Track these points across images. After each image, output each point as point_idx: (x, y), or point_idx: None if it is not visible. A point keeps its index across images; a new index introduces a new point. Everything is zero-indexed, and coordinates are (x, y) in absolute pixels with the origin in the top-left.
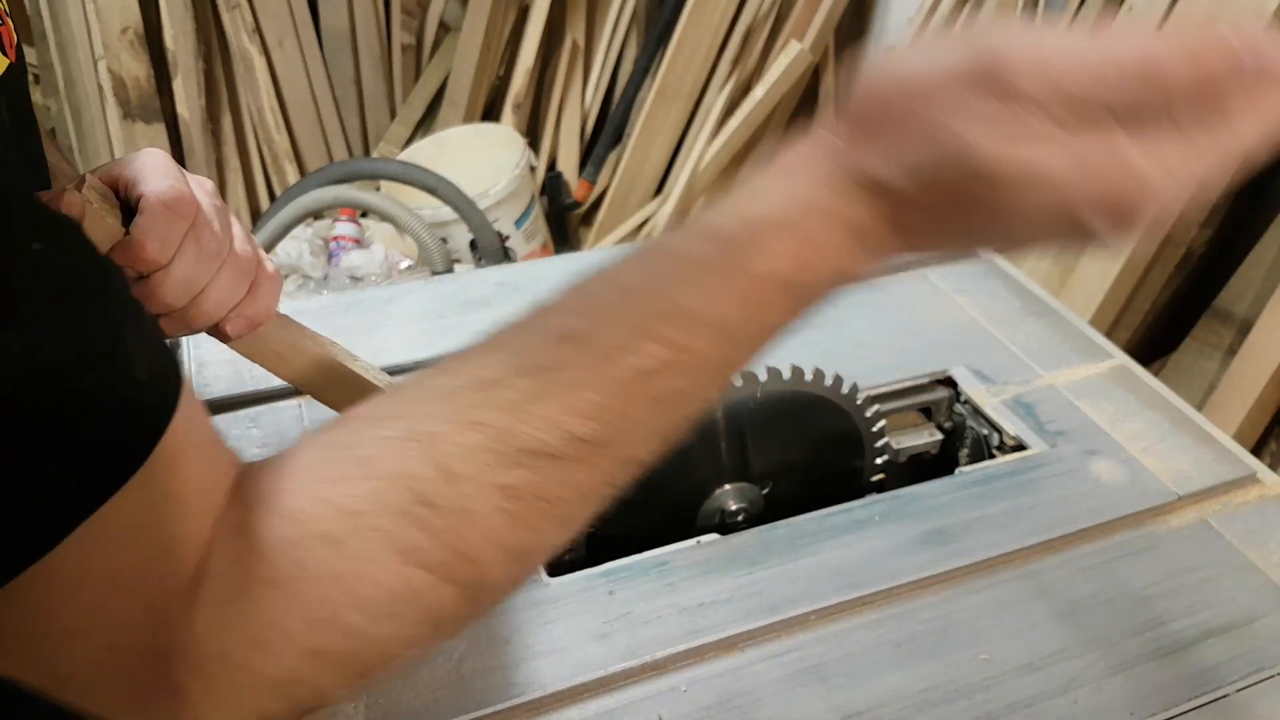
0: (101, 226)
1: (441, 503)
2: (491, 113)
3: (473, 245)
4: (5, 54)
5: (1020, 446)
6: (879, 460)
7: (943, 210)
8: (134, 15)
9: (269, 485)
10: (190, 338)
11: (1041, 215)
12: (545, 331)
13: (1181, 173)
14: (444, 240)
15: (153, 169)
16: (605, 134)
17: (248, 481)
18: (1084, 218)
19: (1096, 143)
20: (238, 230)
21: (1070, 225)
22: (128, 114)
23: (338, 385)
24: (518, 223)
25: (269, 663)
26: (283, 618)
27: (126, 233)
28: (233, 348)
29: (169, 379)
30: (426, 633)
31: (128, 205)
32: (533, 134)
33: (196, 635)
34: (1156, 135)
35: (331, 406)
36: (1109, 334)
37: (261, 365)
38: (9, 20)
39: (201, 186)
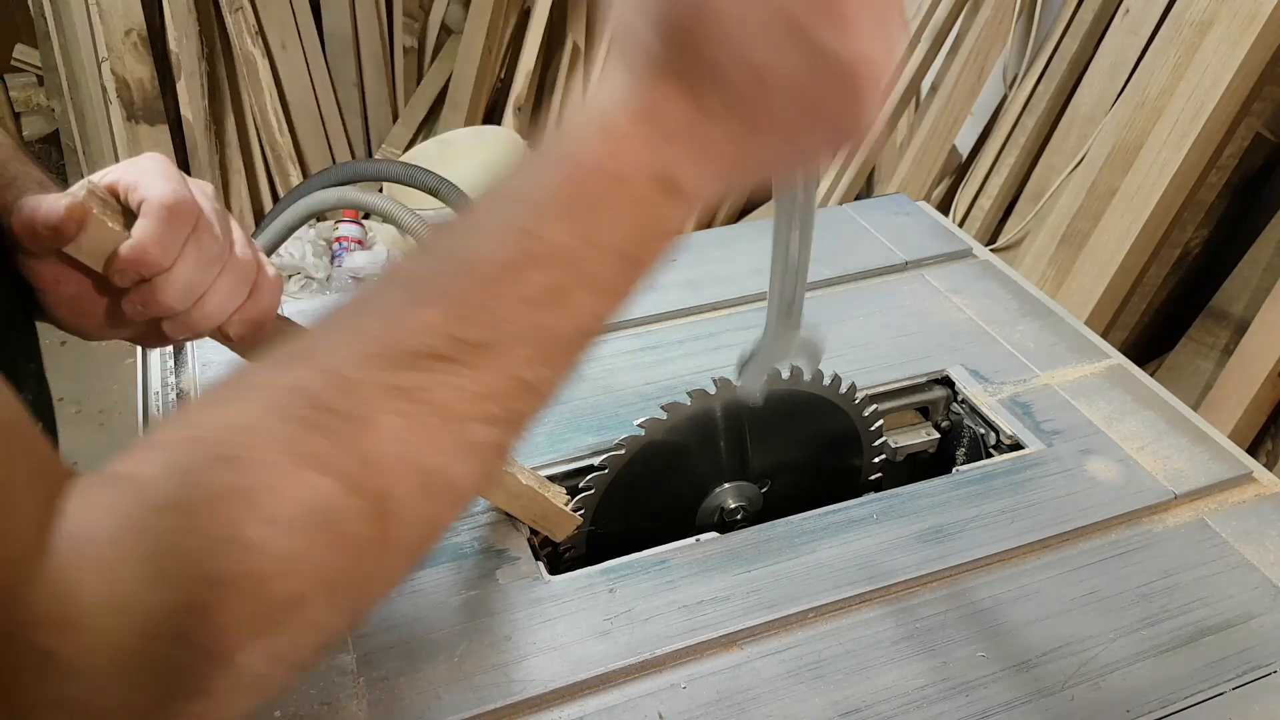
0: (103, 231)
1: (338, 407)
2: (493, 115)
3: None
4: None
5: (1017, 446)
6: (877, 459)
7: (731, 77)
8: (137, 17)
9: (145, 441)
10: (194, 341)
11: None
12: (422, 255)
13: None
14: None
15: (153, 173)
16: None
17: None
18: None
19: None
20: (238, 234)
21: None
22: (131, 116)
23: None
24: None
25: (164, 594)
26: (182, 539)
27: (128, 237)
28: (235, 350)
29: None
30: (338, 560)
31: (129, 210)
32: (534, 136)
33: (54, 591)
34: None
35: None
36: (1105, 334)
37: None
38: None
39: (201, 190)
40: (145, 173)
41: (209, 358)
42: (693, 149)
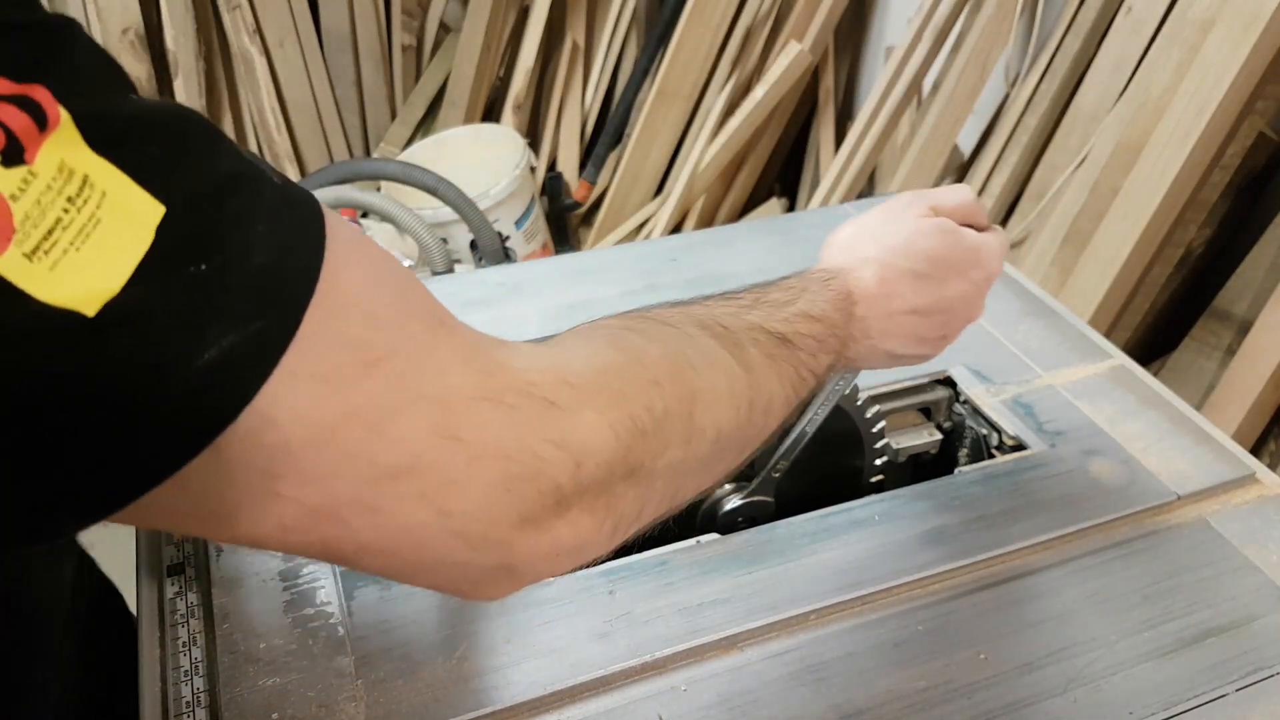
0: None
1: (728, 334)
2: (492, 113)
3: (473, 245)
4: None
5: (1019, 446)
6: (878, 460)
7: (918, 284)
8: (135, 16)
9: (629, 315)
10: None
11: (973, 281)
12: (747, 294)
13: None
14: (444, 240)
15: None
16: (605, 134)
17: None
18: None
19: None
20: None
21: (979, 294)
22: None
23: None
24: (518, 223)
25: (634, 407)
26: (649, 347)
27: None
28: None
29: (308, 197)
30: (734, 420)
31: None
32: (533, 134)
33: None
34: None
35: None
36: (1108, 334)
37: None
38: None
39: None
40: None
41: None
42: (883, 319)
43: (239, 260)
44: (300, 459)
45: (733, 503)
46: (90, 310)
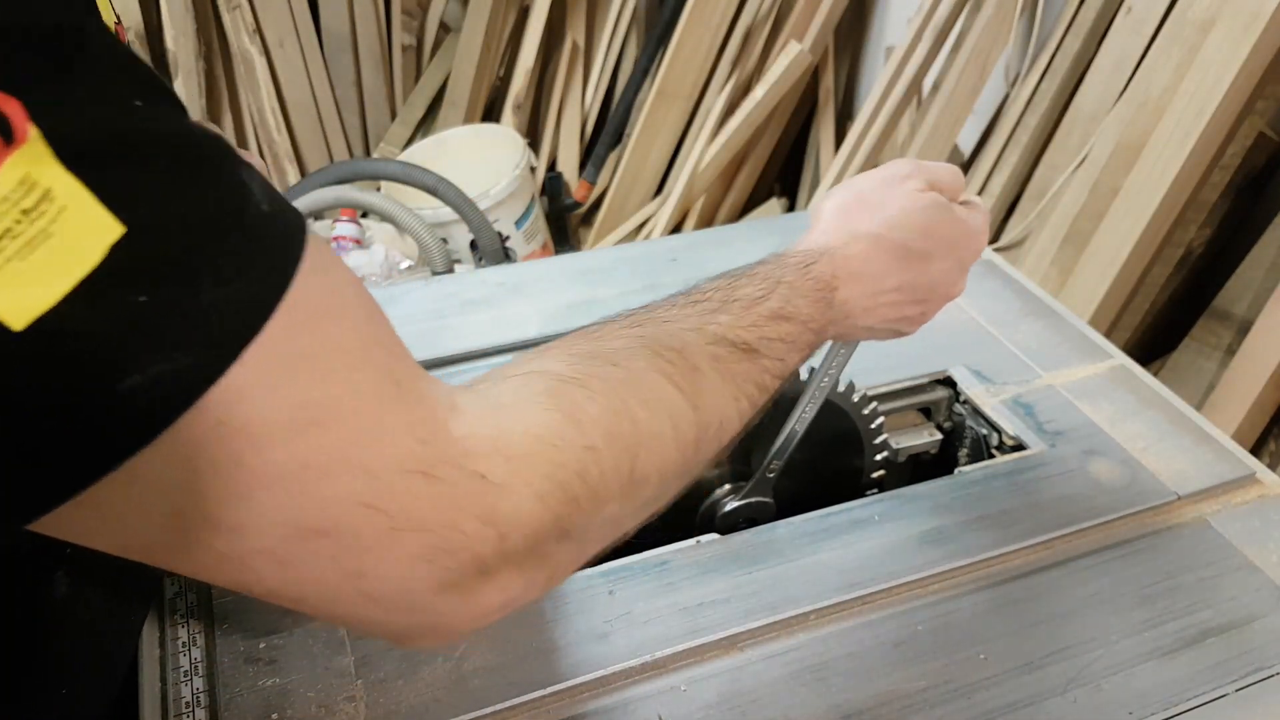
0: None
1: (680, 354)
2: (492, 113)
3: (473, 245)
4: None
5: (1019, 446)
6: (878, 459)
7: (897, 257)
8: (134, 15)
9: (553, 347)
10: None
11: (961, 245)
12: (712, 287)
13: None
14: (444, 240)
15: None
16: (605, 134)
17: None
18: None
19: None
20: None
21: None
22: None
23: None
24: (518, 223)
25: (574, 441)
26: (587, 405)
27: None
28: None
29: (291, 213)
30: (676, 454)
31: None
32: (533, 134)
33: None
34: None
35: None
36: (1108, 334)
37: None
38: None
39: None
40: None
41: None
42: (869, 297)
43: (189, 293)
44: (214, 509)
45: (730, 504)
46: (18, 323)
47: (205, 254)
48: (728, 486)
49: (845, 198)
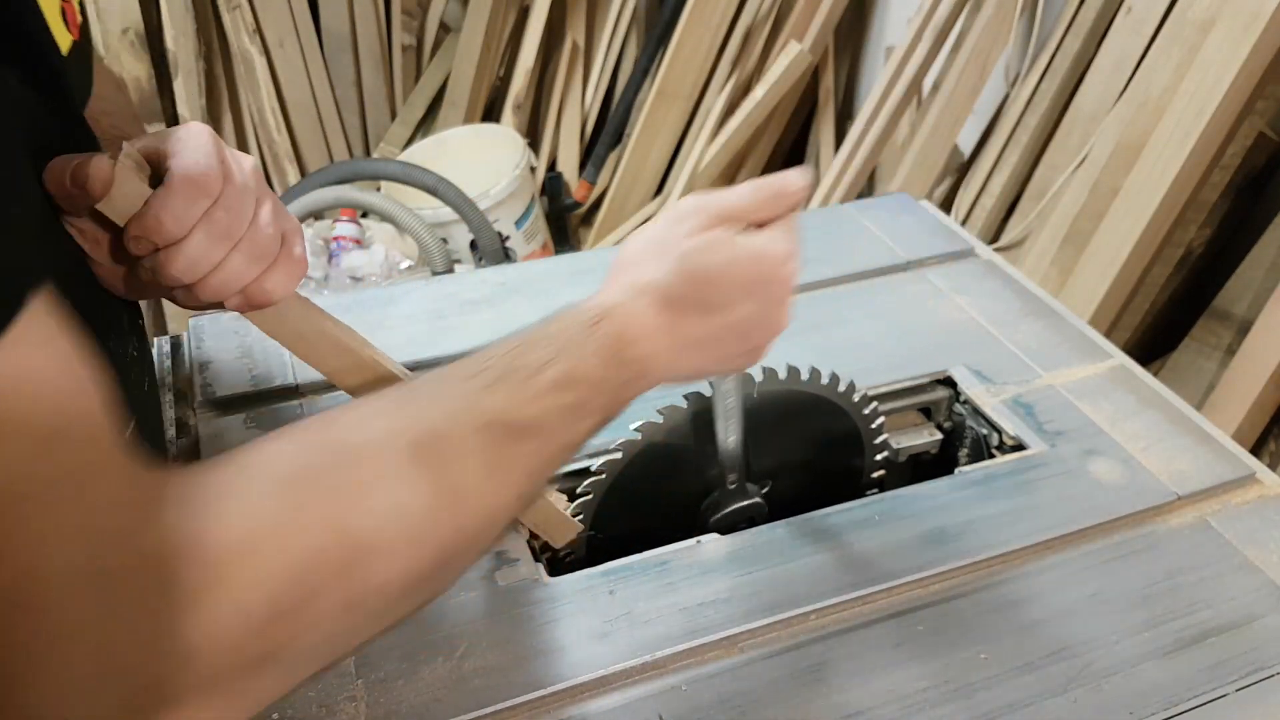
0: (126, 194)
1: (437, 443)
2: (492, 113)
3: (473, 245)
4: (69, 31)
5: (1020, 446)
6: (879, 459)
7: (700, 293)
8: (135, 16)
9: (277, 434)
10: (195, 340)
11: (765, 279)
12: (488, 354)
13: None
14: (444, 240)
15: (191, 144)
16: (605, 134)
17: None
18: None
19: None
20: (266, 211)
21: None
22: None
23: (357, 371)
24: (518, 223)
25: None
26: (311, 505)
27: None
28: (255, 324)
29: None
30: (405, 547)
31: (160, 177)
32: (533, 134)
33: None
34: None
35: (349, 392)
36: (1108, 334)
37: (283, 345)
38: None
39: (239, 164)
40: (181, 141)
41: (209, 355)
42: (670, 351)
43: None
44: None
45: (715, 516)
46: None
47: None
48: (715, 494)
49: (633, 247)
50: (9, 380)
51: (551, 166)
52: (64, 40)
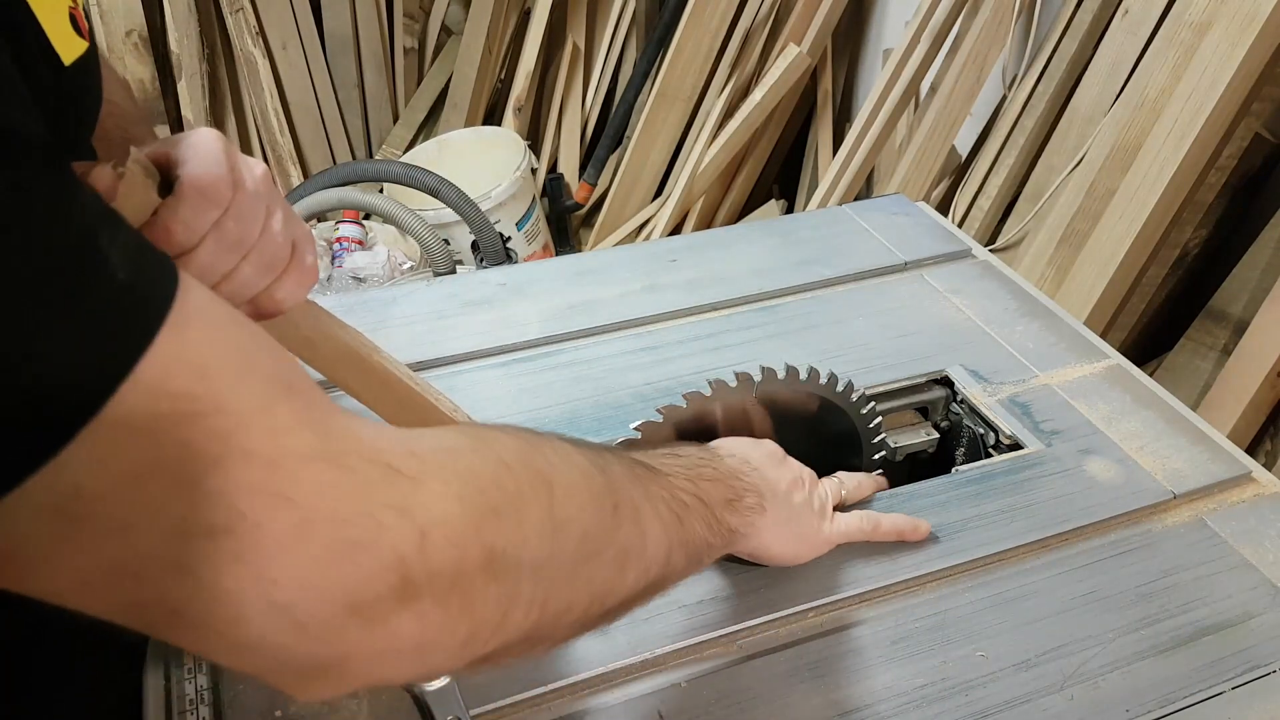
0: (134, 203)
1: (635, 503)
2: (493, 115)
3: (474, 246)
4: (82, 36)
5: (1016, 446)
6: (876, 458)
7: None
8: (138, 18)
9: (511, 429)
10: None
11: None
12: (663, 457)
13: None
14: (446, 241)
15: (202, 151)
16: (605, 136)
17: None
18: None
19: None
20: (277, 220)
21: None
22: None
23: (364, 376)
24: (519, 224)
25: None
26: (498, 435)
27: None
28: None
29: (160, 275)
30: (585, 488)
31: (169, 184)
32: (534, 136)
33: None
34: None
35: (357, 398)
36: (1104, 334)
37: (291, 351)
38: (79, 3)
39: (250, 172)
40: (191, 147)
41: None
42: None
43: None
44: (96, 506)
45: None
46: None
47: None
48: None
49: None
50: (204, 313)
51: (552, 168)
52: (75, 48)
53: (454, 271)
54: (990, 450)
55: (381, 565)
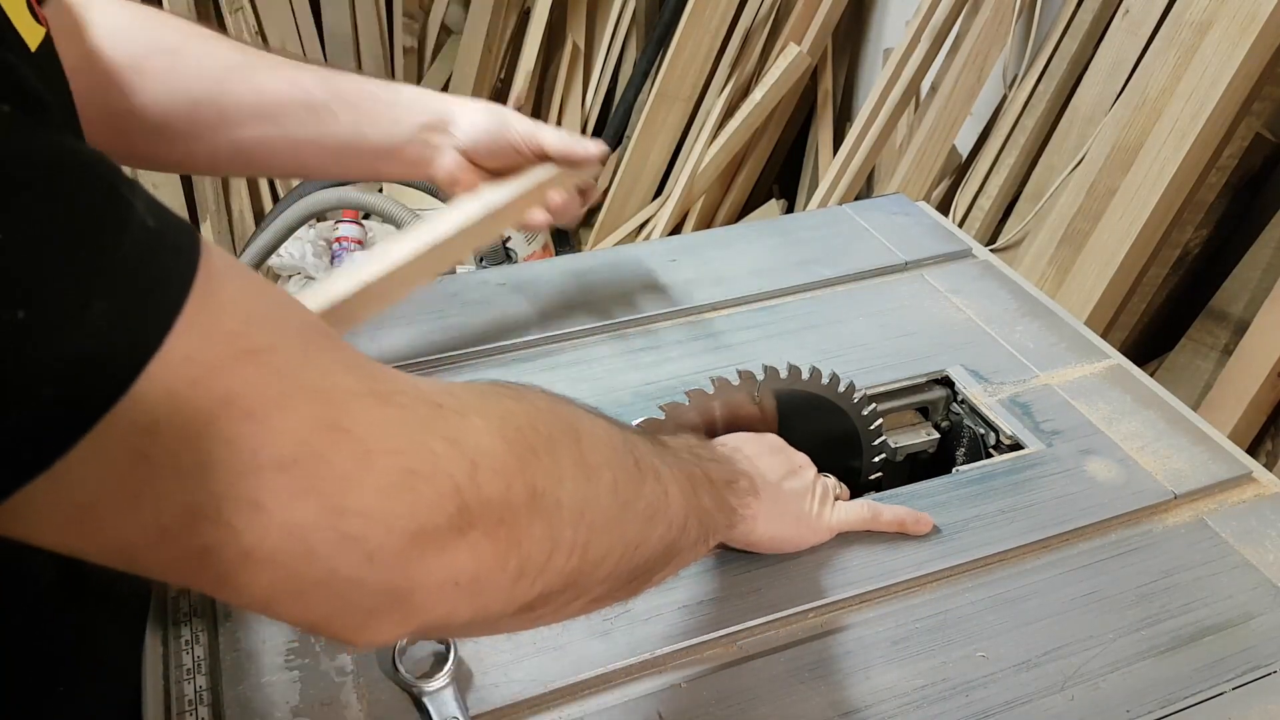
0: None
1: (657, 469)
2: None
3: None
4: (39, 22)
5: (1017, 446)
6: (876, 459)
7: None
8: None
9: (545, 394)
10: None
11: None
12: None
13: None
14: None
15: (540, 125)
16: (605, 136)
17: None
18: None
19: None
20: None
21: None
22: None
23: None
24: None
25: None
26: (524, 388)
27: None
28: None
29: (180, 226)
30: (605, 436)
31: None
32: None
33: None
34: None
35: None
36: (1105, 334)
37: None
38: None
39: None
40: (535, 126)
41: None
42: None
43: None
44: (171, 445)
45: None
46: None
47: (87, 268)
48: None
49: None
50: (236, 270)
51: None
52: (36, 34)
53: (453, 271)
54: (991, 450)
55: (439, 494)
